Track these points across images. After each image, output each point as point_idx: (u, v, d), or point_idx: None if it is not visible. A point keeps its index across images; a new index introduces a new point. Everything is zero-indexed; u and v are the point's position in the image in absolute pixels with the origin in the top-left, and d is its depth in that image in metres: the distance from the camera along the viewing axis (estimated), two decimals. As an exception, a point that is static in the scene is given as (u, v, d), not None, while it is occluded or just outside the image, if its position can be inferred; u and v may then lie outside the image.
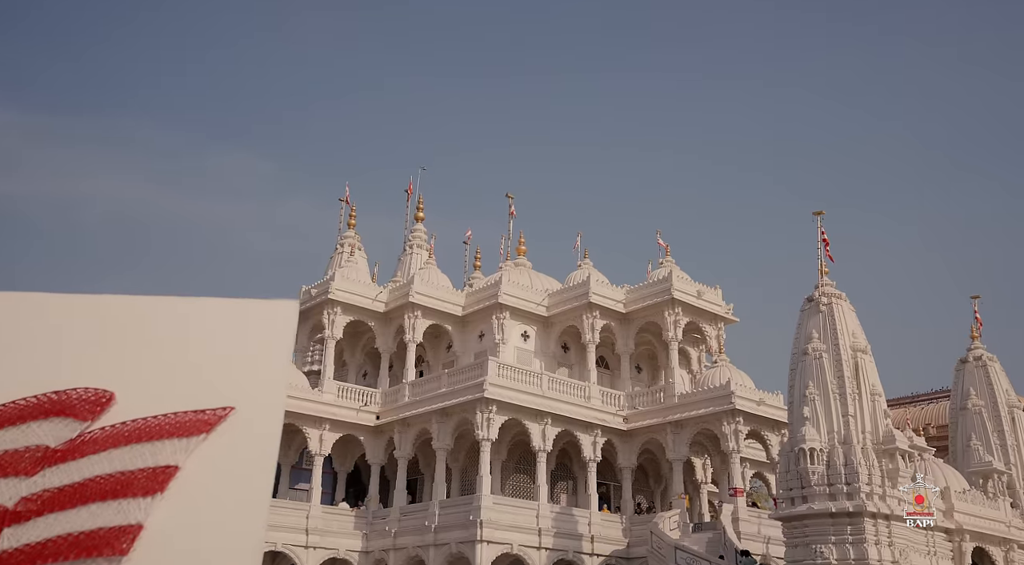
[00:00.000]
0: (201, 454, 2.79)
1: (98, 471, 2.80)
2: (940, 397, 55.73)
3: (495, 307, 36.36)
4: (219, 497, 2.75)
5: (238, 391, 2.86)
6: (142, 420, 2.83)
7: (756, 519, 32.01)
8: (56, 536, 2.70)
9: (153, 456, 2.80)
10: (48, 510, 2.74)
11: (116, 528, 2.70)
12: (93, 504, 2.74)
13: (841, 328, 25.07)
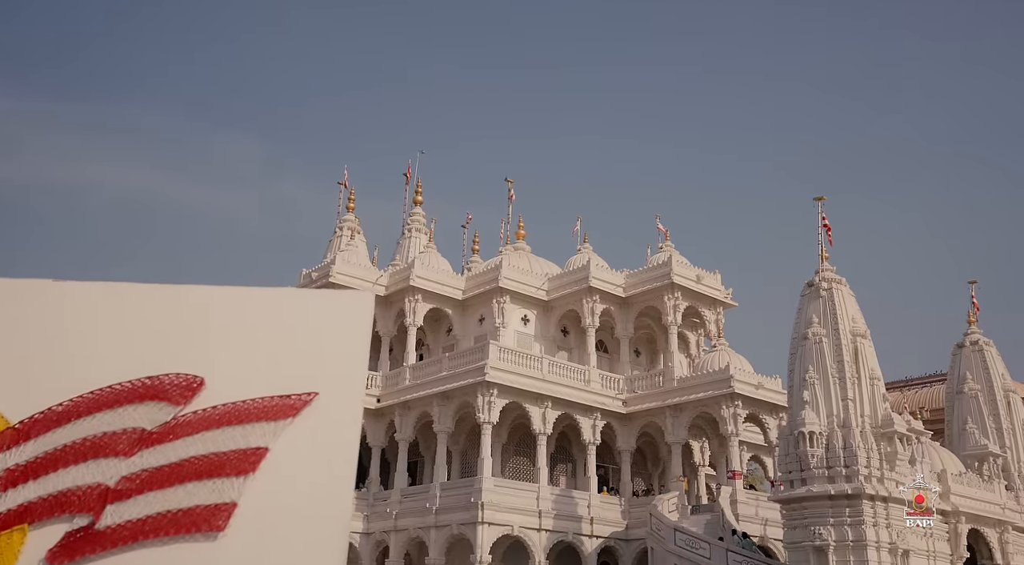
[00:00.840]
0: (288, 437, 2.96)
1: (193, 452, 2.97)
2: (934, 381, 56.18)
3: (495, 291, 36.54)
4: (306, 477, 2.92)
5: (320, 377, 3.03)
6: (231, 404, 3.00)
7: (754, 501, 32.38)
8: (156, 513, 2.88)
9: (244, 438, 2.97)
10: (147, 488, 2.92)
11: (212, 506, 2.88)
12: (189, 483, 2.92)
13: (841, 313, 25.31)
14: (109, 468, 2.94)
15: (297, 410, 2.98)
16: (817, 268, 26.55)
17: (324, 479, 2.94)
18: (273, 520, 2.88)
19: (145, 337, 3.10)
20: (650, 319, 38.06)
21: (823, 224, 26.95)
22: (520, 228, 43.49)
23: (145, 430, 2.99)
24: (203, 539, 2.86)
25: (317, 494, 2.92)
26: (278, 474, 2.92)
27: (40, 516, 2.87)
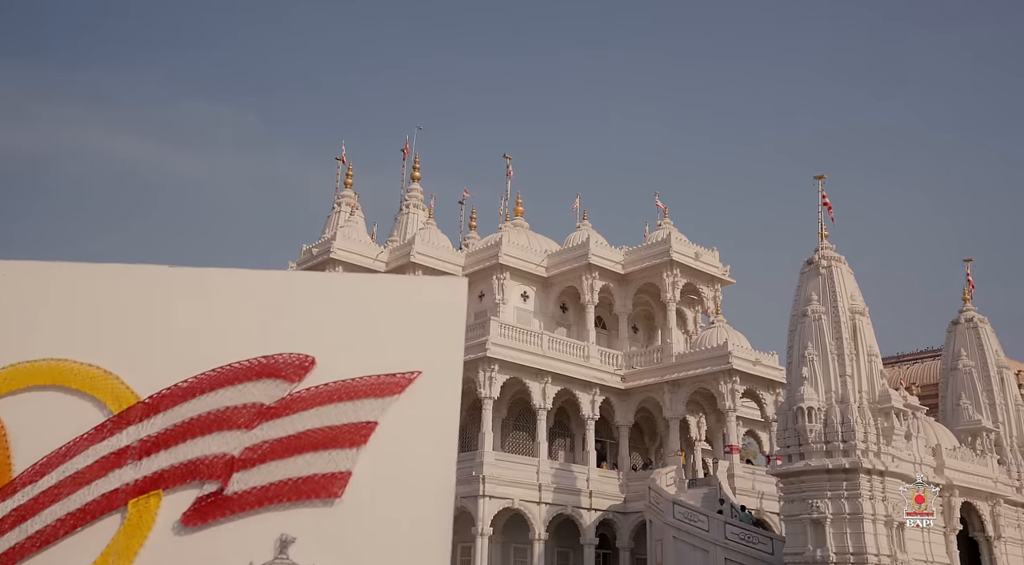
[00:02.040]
0: (395, 411, 3.25)
1: (309, 425, 3.25)
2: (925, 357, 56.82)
3: (496, 267, 36.79)
4: (413, 449, 3.22)
5: (422, 357, 3.32)
6: (342, 382, 3.29)
7: (750, 475, 32.94)
8: (278, 480, 3.17)
9: (355, 413, 3.26)
10: (269, 458, 3.20)
11: (329, 474, 3.17)
12: (308, 454, 3.21)
13: (840, 290, 25.67)
14: (233, 439, 3.23)
15: (403, 387, 3.27)
16: (817, 246, 26.87)
17: (429, 450, 3.23)
18: (384, 487, 3.17)
19: (260, 319, 3.37)
20: (648, 296, 38.40)
21: (823, 202, 27.23)
22: (519, 205, 43.68)
23: (263, 405, 3.27)
24: (321, 504, 3.15)
25: (423, 464, 3.21)
26: (387, 446, 3.21)
27: (173, 482, 3.15)
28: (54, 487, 3.12)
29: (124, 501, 3.10)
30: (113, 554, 3.03)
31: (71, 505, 3.11)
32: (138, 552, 3.04)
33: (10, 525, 3.06)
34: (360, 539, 3.07)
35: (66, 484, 3.13)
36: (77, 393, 3.25)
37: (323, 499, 3.18)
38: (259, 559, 3.05)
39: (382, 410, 3.26)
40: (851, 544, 23.45)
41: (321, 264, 37.48)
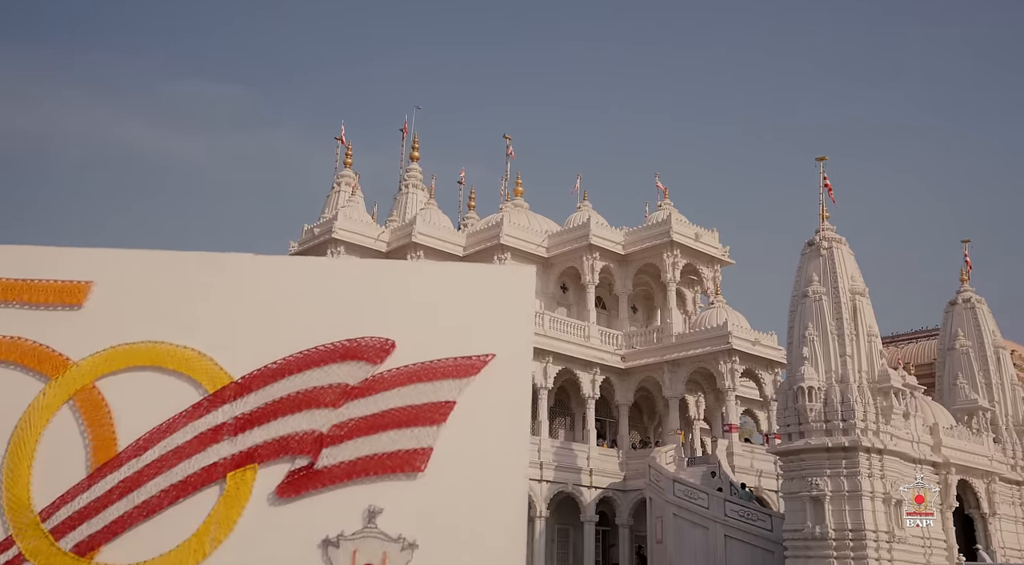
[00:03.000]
0: (472, 391, 3.49)
1: (392, 404, 3.50)
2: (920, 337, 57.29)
3: (497, 248, 36.98)
4: (489, 426, 3.47)
5: (495, 341, 3.56)
6: (421, 364, 3.53)
7: (749, 454, 33.36)
8: (365, 455, 3.42)
9: (435, 393, 3.51)
10: (355, 435, 3.46)
11: (412, 450, 3.42)
12: (392, 431, 3.46)
13: (841, 271, 25.94)
14: (321, 417, 3.48)
15: (478, 369, 3.53)
16: (818, 227, 27.11)
17: (504, 428, 3.48)
18: (463, 462, 3.42)
19: (343, 305, 3.61)
20: (648, 276, 38.66)
21: (824, 184, 27.45)
22: (519, 185, 43.81)
23: (348, 385, 3.52)
24: (405, 478, 3.41)
25: (499, 440, 3.46)
26: (465, 423, 3.46)
27: (266, 457, 3.40)
28: (157, 461, 3.36)
29: (223, 474, 3.35)
30: (215, 523, 3.28)
31: (173, 477, 3.35)
32: (237, 521, 3.29)
33: (118, 496, 3.29)
34: (442, 510, 3.32)
35: (168, 458, 3.37)
36: (174, 373, 3.49)
37: (407, 473, 3.43)
38: (349, 528, 3.30)
39: (459, 390, 3.52)
40: (850, 521, 23.86)
41: (323, 244, 37.62)
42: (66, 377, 3.37)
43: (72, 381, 3.38)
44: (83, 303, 3.47)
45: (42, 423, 3.31)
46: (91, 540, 3.21)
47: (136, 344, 3.44)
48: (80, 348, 3.43)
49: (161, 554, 3.19)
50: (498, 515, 3.23)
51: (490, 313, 3.45)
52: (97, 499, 3.26)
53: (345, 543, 3.14)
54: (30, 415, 3.31)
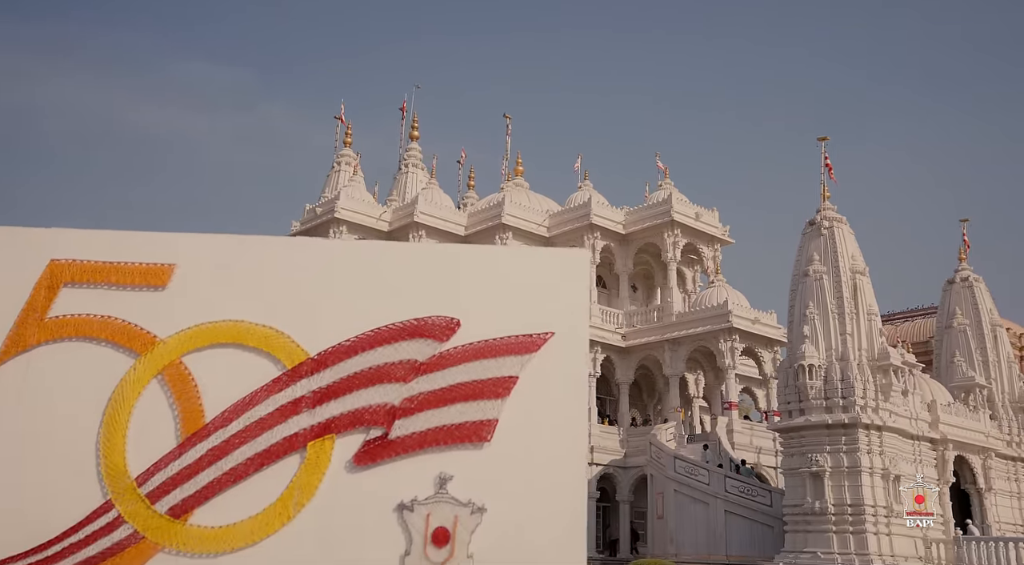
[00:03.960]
0: (532, 367, 3.75)
1: (459, 379, 3.76)
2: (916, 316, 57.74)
3: (498, 227, 37.16)
4: (550, 399, 3.72)
5: (553, 320, 3.82)
6: (485, 341, 3.79)
7: (749, 431, 33.78)
8: (434, 427, 3.68)
9: (498, 368, 3.77)
10: (425, 407, 3.71)
11: (479, 421, 3.68)
12: (459, 403, 3.72)
13: (841, 250, 26.20)
14: (392, 391, 3.73)
15: (538, 346, 3.78)
16: (819, 207, 27.34)
17: (563, 400, 3.74)
18: (526, 432, 3.68)
19: (411, 286, 3.85)
20: (649, 255, 38.91)
21: (825, 163, 27.65)
22: (519, 164, 43.93)
23: (417, 361, 3.78)
24: (472, 447, 3.68)
25: (559, 412, 3.72)
26: (527, 396, 3.72)
27: (343, 428, 3.67)
28: (242, 431, 3.61)
29: (303, 443, 3.60)
30: (298, 488, 3.54)
31: (258, 446, 3.60)
32: (318, 487, 3.55)
33: (207, 463, 3.55)
34: (508, 476, 3.58)
35: (252, 429, 3.62)
36: (254, 350, 3.73)
37: (475, 443, 3.69)
38: (422, 494, 3.56)
39: (521, 366, 3.77)
40: (849, 496, 24.26)
41: (325, 224, 37.78)
42: (154, 353, 3.61)
43: (160, 357, 3.62)
44: (167, 284, 3.70)
45: (134, 396, 3.55)
46: (184, 504, 3.46)
47: (218, 322, 3.68)
48: (166, 326, 3.67)
49: (249, 517, 3.45)
50: (560, 479, 3.49)
51: (548, 294, 3.69)
52: (188, 466, 3.52)
53: (419, 507, 3.40)
54: (123, 389, 3.56)
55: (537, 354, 3.57)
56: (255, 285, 3.66)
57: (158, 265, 3.67)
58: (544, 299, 3.66)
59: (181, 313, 3.64)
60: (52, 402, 3.58)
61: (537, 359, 3.56)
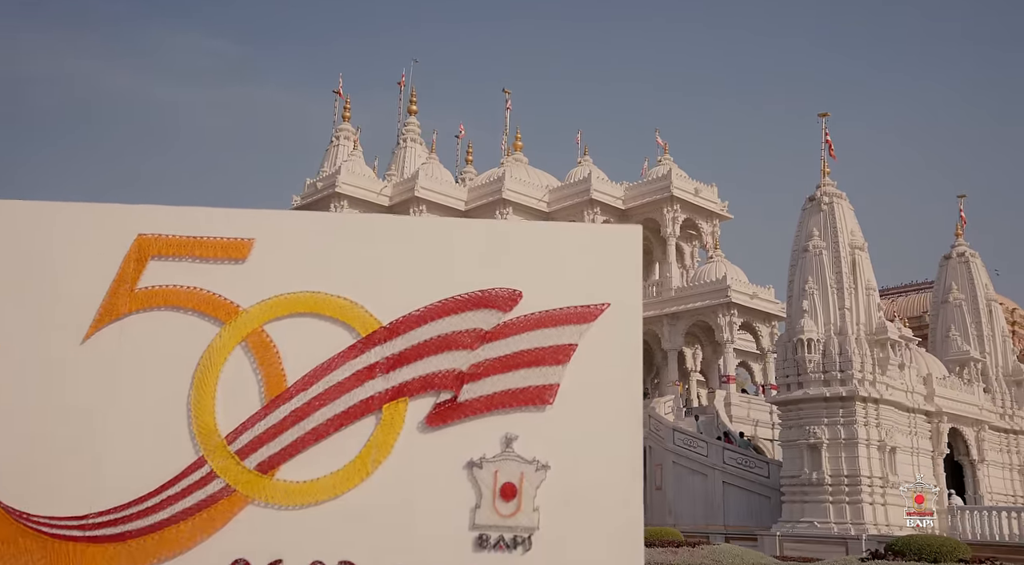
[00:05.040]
0: (591, 336, 4.01)
1: (522, 346, 4.03)
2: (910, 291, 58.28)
3: (499, 203, 37.36)
4: (606, 365, 4.00)
5: (609, 291, 4.08)
6: (545, 311, 4.05)
7: (746, 404, 34.26)
8: (500, 391, 3.95)
9: (558, 337, 4.04)
10: (491, 373, 3.98)
11: (542, 386, 3.95)
12: (523, 369, 3.99)
13: (841, 226, 26.50)
14: (460, 358, 4.00)
15: (595, 316, 4.05)
16: (819, 183, 27.60)
17: (619, 366, 4.01)
18: (585, 396, 3.96)
19: (475, 260, 4.10)
20: (648, 231, 39.13)
21: (825, 140, 27.88)
22: (518, 139, 44.05)
23: (482, 330, 4.04)
24: (535, 410, 3.95)
25: (615, 377, 4.00)
26: (586, 363, 3.98)
27: (415, 391, 3.94)
28: (322, 394, 3.88)
29: (379, 406, 3.87)
30: (375, 447, 3.81)
31: (337, 408, 3.87)
32: (394, 445, 3.82)
33: (290, 423, 3.82)
34: (568, 437, 3.85)
35: (331, 392, 3.88)
36: (330, 319, 3.99)
37: (537, 406, 3.95)
38: (490, 452, 3.83)
39: (580, 334, 4.02)
40: (845, 467, 24.75)
41: (326, 199, 37.91)
42: (237, 322, 3.87)
43: (243, 325, 3.87)
44: (247, 257, 3.95)
45: (220, 361, 3.81)
46: (270, 460, 3.73)
47: (296, 293, 3.93)
48: (247, 297, 3.92)
49: (330, 473, 3.72)
50: (619, 439, 3.76)
51: (603, 267, 3.94)
52: (273, 426, 3.79)
53: (487, 465, 3.67)
54: (210, 354, 3.82)
55: (595, 324, 3.82)
56: (330, 259, 3.92)
57: (238, 239, 3.92)
58: (600, 272, 3.92)
59: (261, 284, 3.89)
60: (144, 366, 3.85)
61: (595, 328, 3.82)
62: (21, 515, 3.67)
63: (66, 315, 3.91)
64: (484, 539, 3.72)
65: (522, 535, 3.73)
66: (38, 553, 3.63)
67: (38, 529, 3.66)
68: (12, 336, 3.87)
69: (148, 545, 3.66)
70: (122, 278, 3.95)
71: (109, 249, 3.98)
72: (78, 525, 3.67)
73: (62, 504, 3.68)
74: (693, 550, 13.49)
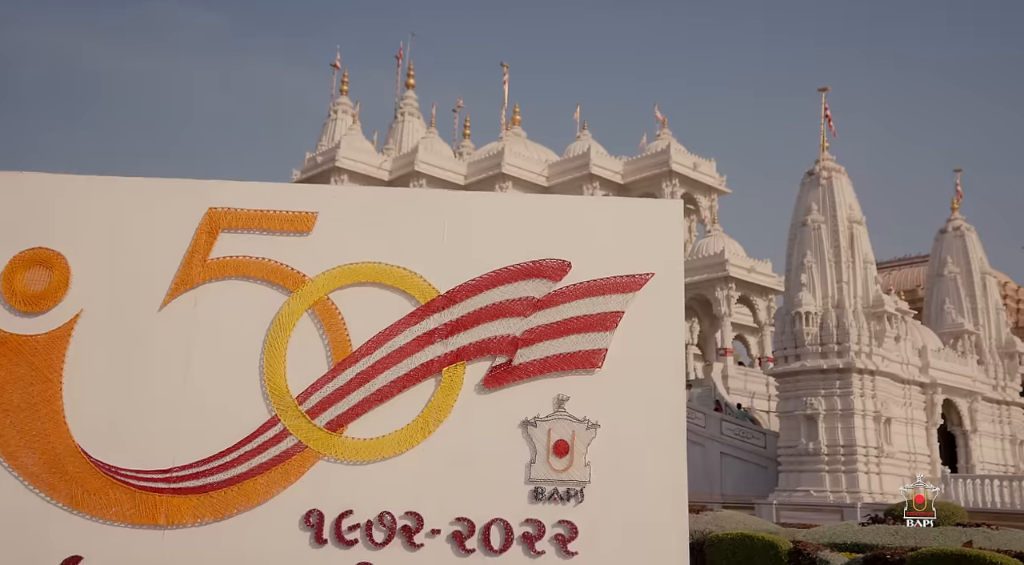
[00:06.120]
0: (636, 304, 4.27)
1: (572, 314, 4.30)
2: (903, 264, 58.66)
3: (498, 177, 37.52)
4: (651, 331, 4.27)
5: (653, 262, 4.33)
6: (593, 281, 4.32)
7: (743, 376, 34.71)
8: (552, 355, 4.23)
9: (606, 304, 4.30)
10: (543, 338, 4.26)
11: (591, 351, 4.23)
12: (573, 335, 4.27)
13: (840, 200, 26.77)
14: (514, 324, 4.27)
15: (640, 285, 4.31)
16: (817, 157, 27.83)
17: (664, 332, 4.28)
18: (631, 360, 4.23)
19: (527, 232, 4.35)
20: (646, 204, 39.38)
21: (825, 114, 28.06)
22: (516, 114, 44.09)
23: (534, 298, 4.31)
24: (585, 373, 4.23)
25: (659, 343, 4.27)
26: (632, 329, 4.25)
27: (472, 356, 4.21)
28: (385, 358, 4.14)
29: (439, 369, 4.13)
30: (435, 407, 4.08)
31: (399, 371, 4.13)
32: (453, 406, 4.09)
33: (356, 385, 4.08)
34: (616, 397, 4.12)
35: (393, 356, 4.14)
36: (391, 288, 4.24)
37: (587, 369, 4.21)
38: (543, 412, 4.10)
39: (626, 303, 4.28)
40: (842, 437, 25.22)
41: (326, 173, 38.00)
42: (304, 290, 4.12)
43: (310, 294, 4.13)
44: (311, 230, 4.20)
45: (290, 327, 4.07)
46: (338, 419, 4.00)
47: (358, 264, 4.17)
48: (312, 267, 4.16)
49: (394, 431, 3.99)
50: (664, 400, 4.03)
51: (647, 239, 4.19)
52: (340, 388, 4.05)
53: (541, 423, 3.95)
54: (280, 320, 4.07)
55: (640, 293, 4.09)
56: (388, 231, 4.16)
57: (303, 213, 4.15)
58: (644, 244, 4.17)
59: (325, 255, 4.13)
60: (218, 333, 4.09)
61: (640, 297, 4.08)
62: (110, 469, 3.94)
63: (145, 284, 4.15)
64: (539, 492, 4.01)
65: (574, 488, 4.01)
66: (127, 503, 3.90)
67: (126, 482, 3.93)
68: (97, 304, 4.12)
69: (229, 496, 3.93)
70: (195, 249, 4.19)
71: (182, 222, 4.22)
72: (163, 478, 3.94)
73: (147, 459, 3.95)
74: (697, 516, 13.89)
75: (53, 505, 3.89)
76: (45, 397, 4.01)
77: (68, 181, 4.30)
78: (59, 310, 4.11)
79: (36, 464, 3.94)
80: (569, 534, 3.95)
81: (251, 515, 3.93)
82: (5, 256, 4.15)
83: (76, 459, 3.94)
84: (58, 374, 4.03)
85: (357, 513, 3.95)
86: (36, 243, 4.17)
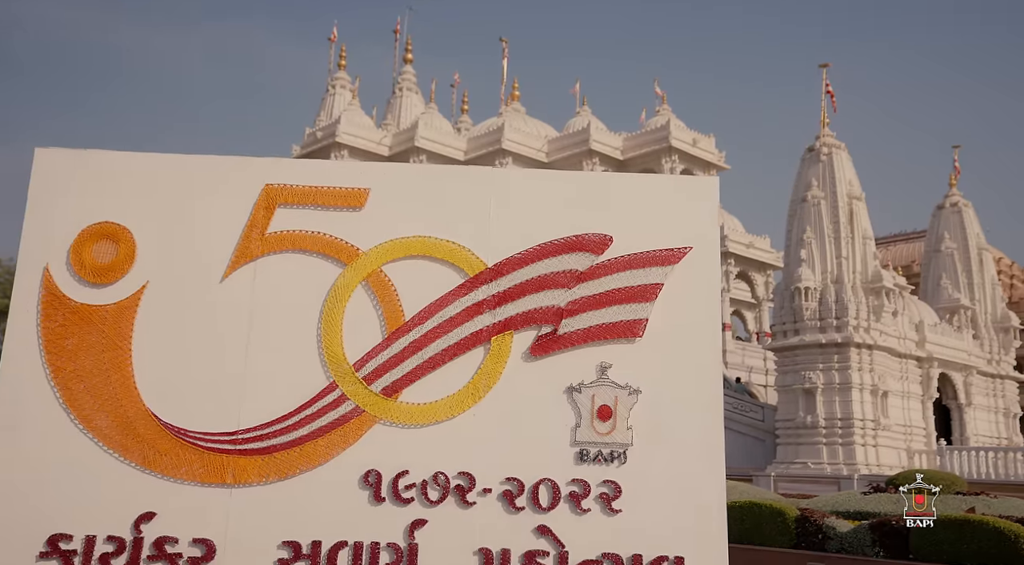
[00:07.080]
0: (675, 276, 4.48)
1: (613, 286, 4.51)
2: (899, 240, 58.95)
3: (498, 152, 37.60)
4: (689, 302, 4.48)
5: (690, 236, 4.54)
6: (634, 254, 4.53)
7: (741, 351, 35.06)
8: (595, 325, 4.44)
9: (645, 277, 4.51)
10: (586, 309, 4.47)
11: (632, 321, 4.44)
12: (615, 306, 4.48)
13: (840, 176, 26.98)
14: (558, 296, 4.48)
15: (679, 258, 4.52)
16: (818, 133, 27.99)
17: (700, 303, 4.49)
18: (670, 329, 4.44)
19: (571, 207, 4.55)
20: (645, 180, 39.52)
21: (826, 90, 28.19)
22: (515, 89, 44.06)
23: (577, 271, 4.52)
24: (627, 342, 4.45)
25: (697, 313, 4.49)
26: (671, 300, 4.46)
27: (519, 325, 4.42)
28: (436, 327, 4.34)
29: (487, 338, 4.34)
30: (485, 374, 4.29)
31: (450, 340, 4.34)
32: (502, 373, 4.30)
33: (409, 353, 4.29)
34: (656, 365, 4.34)
35: (444, 325, 4.35)
36: (440, 261, 4.44)
37: (628, 338, 4.42)
38: (587, 379, 4.32)
39: (665, 275, 4.48)
40: (839, 410, 25.61)
41: (326, 148, 38.03)
42: (358, 263, 4.32)
43: (363, 266, 4.32)
44: (364, 205, 4.38)
45: (345, 298, 4.27)
46: (393, 385, 4.21)
47: (409, 238, 4.37)
48: (365, 241, 4.35)
49: (446, 396, 4.21)
50: (701, 369, 4.26)
51: (685, 213, 4.39)
52: (394, 355, 4.26)
53: (585, 389, 4.17)
54: (335, 291, 4.27)
55: (678, 265, 4.30)
56: (438, 207, 4.36)
57: (356, 189, 4.33)
58: (682, 218, 4.37)
59: (377, 230, 4.32)
60: (278, 303, 4.29)
61: (679, 269, 4.28)
62: (179, 431, 4.15)
63: (206, 257, 4.34)
64: (584, 453, 4.23)
65: (618, 450, 4.24)
66: (197, 463, 4.12)
67: (194, 443, 4.14)
68: (162, 276, 4.31)
69: (291, 457, 4.15)
70: (253, 224, 4.37)
71: (241, 198, 4.40)
72: (229, 440, 4.15)
73: (214, 422, 4.16)
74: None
75: (127, 465, 4.11)
76: (116, 364, 4.21)
77: (133, 158, 4.47)
78: (126, 281, 4.30)
79: (109, 427, 4.15)
80: (613, 493, 4.17)
81: (313, 474, 4.15)
82: (74, 230, 4.34)
83: (147, 422, 4.15)
84: (127, 342, 4.23)
85: (413, 473, 4.17)
86: (103, 218, 4.35)
